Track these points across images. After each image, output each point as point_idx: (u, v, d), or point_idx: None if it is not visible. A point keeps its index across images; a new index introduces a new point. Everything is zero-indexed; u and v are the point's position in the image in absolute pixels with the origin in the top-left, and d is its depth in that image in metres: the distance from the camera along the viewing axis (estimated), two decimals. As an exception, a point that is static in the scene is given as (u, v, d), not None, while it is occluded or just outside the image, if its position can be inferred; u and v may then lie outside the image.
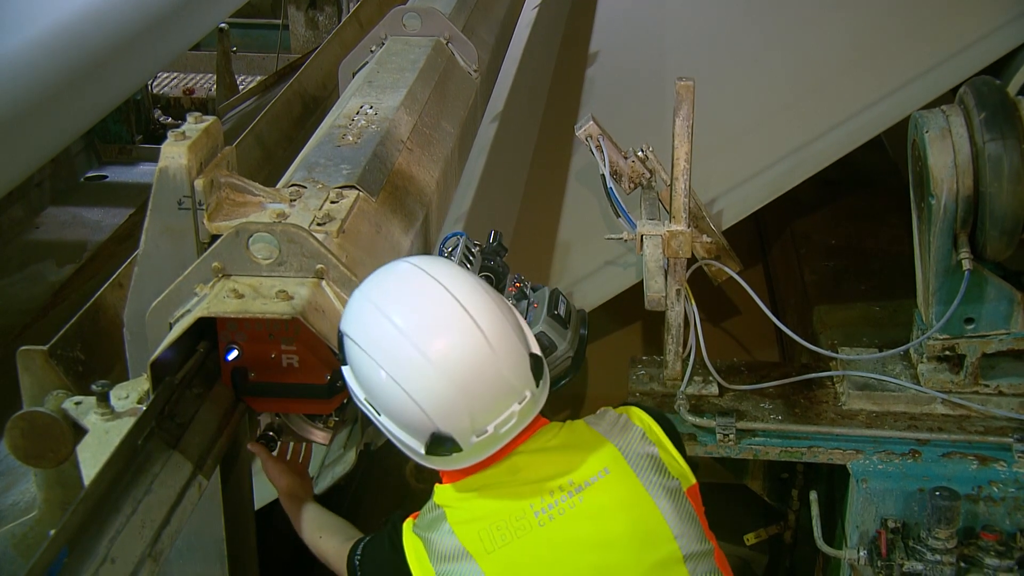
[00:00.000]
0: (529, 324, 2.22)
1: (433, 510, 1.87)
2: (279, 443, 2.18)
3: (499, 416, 1.76)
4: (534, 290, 2.43)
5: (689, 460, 1.95)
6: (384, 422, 1.80)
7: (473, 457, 1.80)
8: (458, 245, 2.42)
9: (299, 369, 1.99)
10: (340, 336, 1.81)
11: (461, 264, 2.34)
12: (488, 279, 2.41)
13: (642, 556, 1.79)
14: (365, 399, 1.80)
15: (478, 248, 2.48)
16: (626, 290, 3.05)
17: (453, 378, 1.72)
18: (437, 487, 1.89)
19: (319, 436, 2.16)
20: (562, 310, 2.36)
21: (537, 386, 1.82)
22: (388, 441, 1.88)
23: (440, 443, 1.75)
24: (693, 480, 1.91)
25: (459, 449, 1.76)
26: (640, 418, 1.95)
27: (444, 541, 1.81)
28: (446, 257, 2.38)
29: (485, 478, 1.84)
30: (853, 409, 2.76)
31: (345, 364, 1.82)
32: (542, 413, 1.89)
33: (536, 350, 1.86)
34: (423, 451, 1.77)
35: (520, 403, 1.79)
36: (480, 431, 1.76)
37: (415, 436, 1.77)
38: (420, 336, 1.72)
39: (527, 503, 1.80)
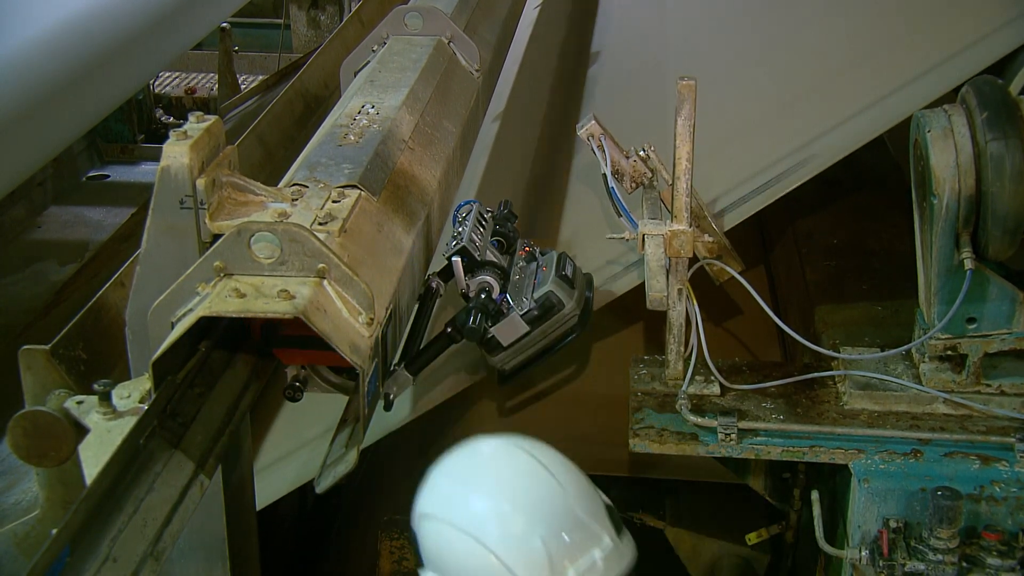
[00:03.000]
0: (539, 284, 2.34)
1: None
2: (304, 394, 2.18)
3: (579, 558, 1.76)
4: (543, 254, 2.60)
5: None
6: None
7: None
8: (471, 211, 2.57)
9: None
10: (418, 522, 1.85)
11: (475, 227, 2.44)
12: (500, 243, 2.58)
13: None
14: None
15: (491, 214, 2.64)
16: (628, 290, 3.05)
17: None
18: None
19: (344, 388, 2.16)
20: (569, 271, 2.48)
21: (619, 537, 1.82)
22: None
23: None
24: None
25: None
26: None
27: None
28: (460, 222, 2.53)
29: None
30: (855, 409, 2.76)
31: (422, 566, 1.84)
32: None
33: (608, 502, 1.88)
34: None
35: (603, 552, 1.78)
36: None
37: None
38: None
39: None
